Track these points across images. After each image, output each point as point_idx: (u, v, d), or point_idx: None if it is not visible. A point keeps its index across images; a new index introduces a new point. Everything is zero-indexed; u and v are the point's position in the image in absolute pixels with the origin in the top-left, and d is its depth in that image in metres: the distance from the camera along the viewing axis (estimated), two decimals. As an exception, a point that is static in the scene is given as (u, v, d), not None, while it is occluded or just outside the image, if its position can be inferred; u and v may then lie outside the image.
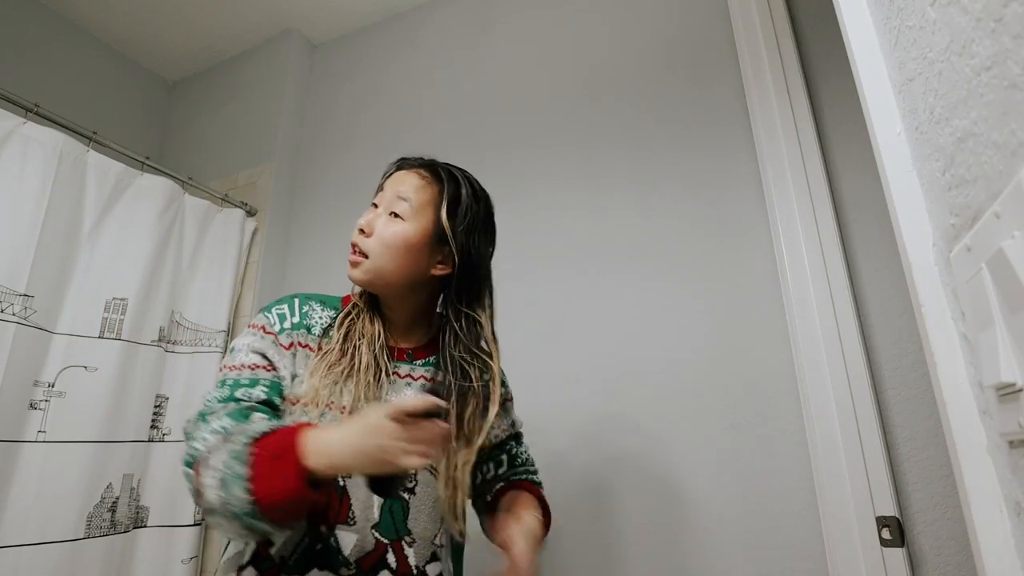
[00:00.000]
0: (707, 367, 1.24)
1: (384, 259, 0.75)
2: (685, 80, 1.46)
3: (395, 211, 0.76)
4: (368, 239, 0.76)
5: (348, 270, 0.77)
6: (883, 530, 0.98)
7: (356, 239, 0.76)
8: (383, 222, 0.76)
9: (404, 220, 0.75)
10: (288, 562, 0.66)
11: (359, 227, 0.77)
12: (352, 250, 0.77)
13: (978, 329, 0.35)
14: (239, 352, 0.72)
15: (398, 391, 0.75)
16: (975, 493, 0.37)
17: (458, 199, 0.78)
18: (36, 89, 1.57)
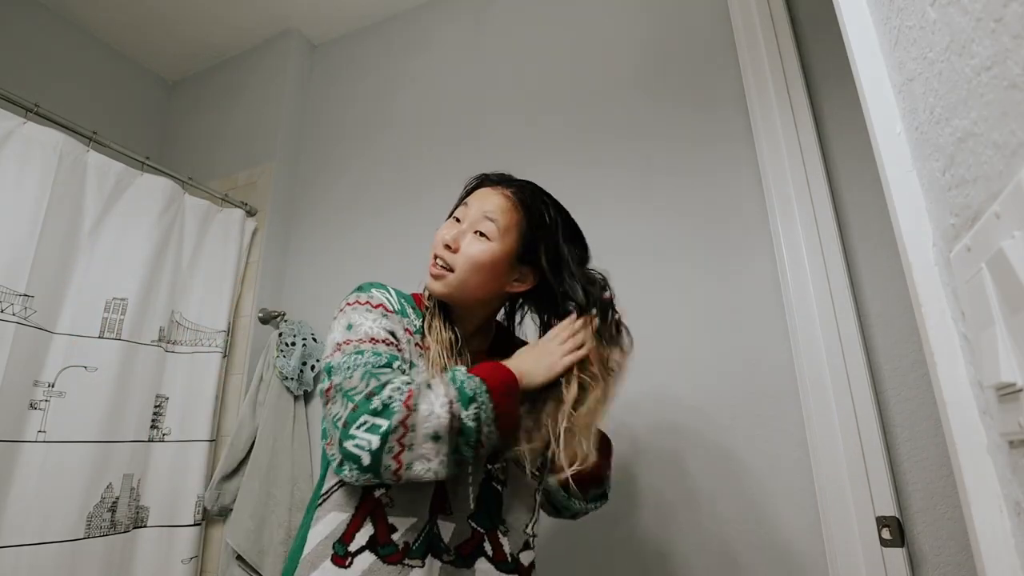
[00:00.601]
0: (707, 367, 1.24)
1: (468, 275, 0.78)
2: (685, 80, 1.46)
3: (481, 230, 0.79)
4: (454, 255, 0.79)
5: (429, 282, 0.81)
6: (883, 530, 0.98)
7: (442, 253, 0.79)
8: (469, 240, 0.79)
9: (491, 240, 0.79)
10: (412, 547, 0.69)
11: (445, 242, 0.79)
12: (434, 263, 0.80)
13: (978, 329, 0.35)
14: (367, 327, 0.73)
15: None
16: (975, 493, 0.37)
17: (543, 223, 0.82)
18: (36, 89, 1.57)
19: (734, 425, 1.18)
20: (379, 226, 1.82)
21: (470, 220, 0.81)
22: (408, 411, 0.63)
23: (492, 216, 0.80)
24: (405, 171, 1.84)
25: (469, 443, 0.65)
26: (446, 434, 0.63)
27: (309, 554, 0.70)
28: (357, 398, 0.64)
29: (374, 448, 0.62)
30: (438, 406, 0.64)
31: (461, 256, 0.78)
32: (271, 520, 1.52)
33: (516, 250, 0.80)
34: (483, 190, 0.85)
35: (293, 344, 1.66)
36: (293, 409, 1.65)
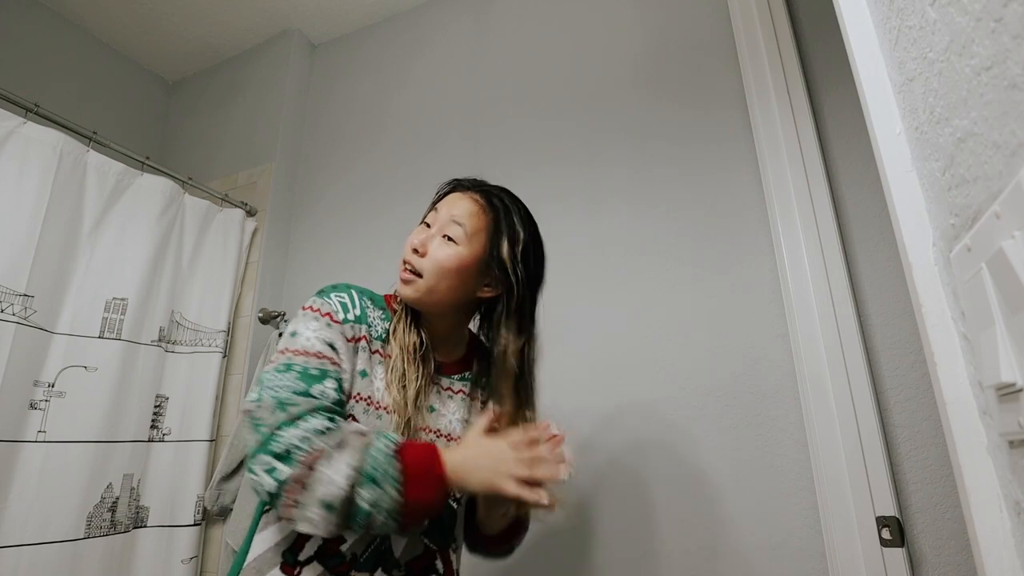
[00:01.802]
0: (707, 367, 1.24)
1: (436, 280, 0.76)
2: (685, 80, 1.46)
3: (448, 234, 0.77)
4: (422, 259, 0.77)
5: (399, 287, 0.79)
6: (883, 530, 0.98)
7: (410, 258, 0.78)
8: (437, 244, 0.77)
9: (458, 244, 0.77)
10: (360, 559, 0.67)
11: (413, 247, 0.78)
12: (404, 268, 0.78)
13: (978, 329, 0.35)
14: (305, 337, 0.71)
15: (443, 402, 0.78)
16: (975, 493, 0.37)
17: (512, 228, 0.80)
18: (36, 89, 1.57)
19: (734, 425, 1.18)
20: (379, 226, 1.82)
21: (439, 224, 0.79)
22: (307, 470, 0.58)
23: (460, 220, 0.78)
24: (405, 171, 1.84)
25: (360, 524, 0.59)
26: (339, 506, 0.58)
27: (255, 560, 0.67)
28: (263, 431, 0.61)
29: (271, 491, 0.59)
30: (340, 476, 0.58)
31: (428, 260, 0.77)
32: (271, 520, 1.52)
33: (484, 255, 0.78)
34: (454, 195, 0.83)
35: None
36: (293, 409, 1.65)
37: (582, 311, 1.40)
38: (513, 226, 0.80)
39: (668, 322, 1.31)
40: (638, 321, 1.34)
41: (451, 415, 0.77)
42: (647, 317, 1.33)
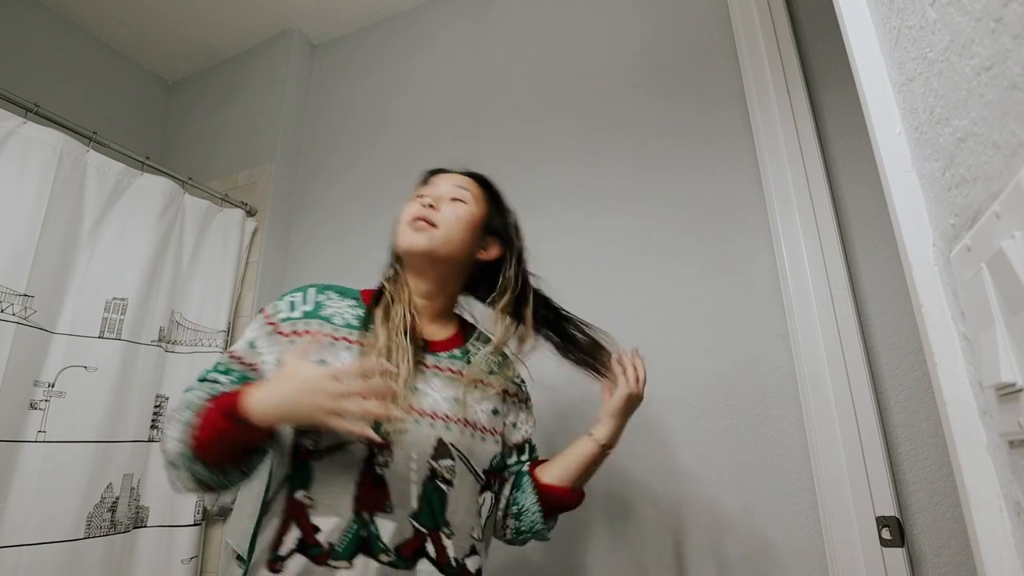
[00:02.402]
0: (707, 367, 1.24)
1: (453, 231, 0.81)
2: (685, 80, 1.46)
3: (456, 197, 0.84)
4: (436, 213, 0.81)
5: (408, 237, 0.80)
6: (883, 530, 0.98)
7: (425, 212, 0.80)
8: (448, 204, 0.83)
9: (467, 204, 0.84)
10: (336, 548, 0.66)
11: (427, 203, 0.81)
12: (417, 218, 0.80)
13: (978, 329, 0.35)
14: (240, 339, 0.78)
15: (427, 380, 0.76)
16: (975, 493, 0.37)
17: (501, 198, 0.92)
18: (36, 89, 1.57)
19: (734, 425, 1.18)
20: (379, 226, 1.82)
21: (440, 193, 0.85)
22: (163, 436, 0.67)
23: (463, 186, 0.86)
24: (405, 171, 1.84)
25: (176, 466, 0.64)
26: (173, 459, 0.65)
27: (254, 563, 0.69)
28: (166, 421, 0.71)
29: None
30: (172, 431, 0.65)
31: (444, 215, 0.81)
32: (271, 520, 1.52)
33: (486, 217, 0.87)
34: (443, 175, 0.90)
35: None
36: (293, 409, 1.65)
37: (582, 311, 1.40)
38: (501, 196, 0.92)
39: (668, 322, 1.31)
40: (638, 321, 1.34)
41: (436, 393, 0.75)
42: (647, 317, 1.33)
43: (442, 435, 0.72)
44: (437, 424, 0.72)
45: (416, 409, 0.72)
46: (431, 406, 0.73)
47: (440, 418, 0.73)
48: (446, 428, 0.73)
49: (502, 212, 0.91)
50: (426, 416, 0.72)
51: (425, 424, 0.71)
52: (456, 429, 0.73)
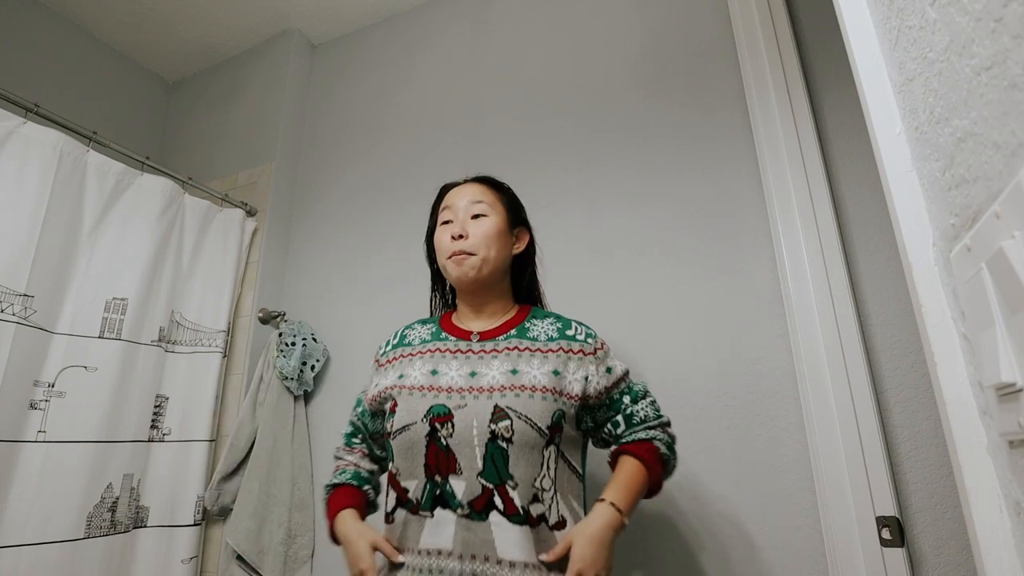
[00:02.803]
0: (707, 367, 1.24)
1: (487, 249, 0.92)
2: (685, 80, 1.46)
3: (476, 213, 0.94)
4: (467, 241, 0.92)
5: (455, 273, 0.93)
6: (883, 530, 0.98)
7: (458, 246, 0.92)
8: (472, 225, 0.93)
9: (488, 216, 0.94)
10: (420, 502, 0.82)
11: (453, 236, 0.93)
12: (452, 256, 0.92)
13: (978, 329, 0.35)
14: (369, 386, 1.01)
15: (486, 363, 0.89)
16: (975, 493, 0.37)
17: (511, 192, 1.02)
18: (36, 89, 1.58)
19: (734, 425, 1.18)
20: (379, 226, 1.82)
21: (461, 213, 0.94)
22: None
23: (478, 199, 0.95)
24: (405, 171, 1.84)
25: None
26: None
27: None
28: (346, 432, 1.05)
29: None
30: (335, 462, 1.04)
31: (474, 238, 0.92)
32: (271, 520, 1.52)
33: (507, 217, 0.97)
34: (453, 191, 0.99)
35: (293, 344, 1.66)
36: (293, 409, 1.65)
37: (582, 311, 1.40)
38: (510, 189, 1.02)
39: (668, 322, 1.31)
40: (638, 321, 1.34)
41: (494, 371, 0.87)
42: (647, 317, 1.33)
43: (498, 402, 0.83)
44: (494, 395, 0.84)
45: (476, 388, 0.85)
46: (488, 383, 0.86)
47: (497, 389, 0.84)
48: (502, 396, 0.84)
49: (517, 205, 1.01)
50: (484, 392, 0.85)
51: (483, 398, 0.84)
52: (511, 395, 0.84)
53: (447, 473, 0.82)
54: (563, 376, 0.88)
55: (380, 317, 1.70)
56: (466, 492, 0.80)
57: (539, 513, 0.81)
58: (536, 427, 0.82)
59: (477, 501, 0.80)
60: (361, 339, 1.71)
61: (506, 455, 0.81)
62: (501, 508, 0.79)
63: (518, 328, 0.94)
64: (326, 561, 1.54)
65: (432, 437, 0.83)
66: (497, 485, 0.80)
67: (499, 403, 0.83)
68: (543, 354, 0.89)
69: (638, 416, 0.91)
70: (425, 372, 0.90)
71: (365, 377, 1.66)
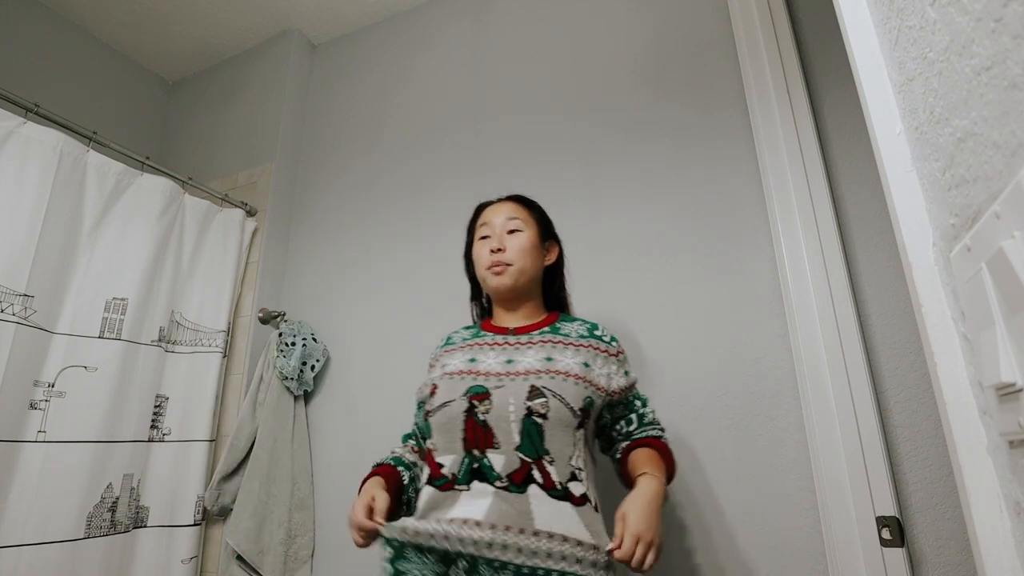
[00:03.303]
0: (707, 367, 1.24)
1: (523, 260, 1.01)
2: (685, 80, 1.46)
3: (512, 228, 1.03)
4: (505, 254, 1.01)
5: (494, 282, 1.01)
6: (883, 530, 0.98)
7: (496, 258, 1.01)
8: (509, 239, 1.02)
9: (523, 230, 1.03)
10: (457, 476, 0.85)
11: (492, 249, 1.01)
12: (491, 268, 1.01)
13: (978, 329, 0.35)
14: None
15: (522, 352, 0.96)
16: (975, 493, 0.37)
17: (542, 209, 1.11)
18: (36, 89, 1.58)
19: (734, 425, 1.18)
20: (379, 226, 1.82)
21: (498, 229, 1.03)
22: None
23: (513, 216, 1.05)
24: (405, 171, 1.84)
25: None
26: None
27: None
28: None
29: None
30: None
31: (511, 251, 1.01)
32: (271, 520, 1.52)
33: (539, 232, 1.06)
34: (490, 208, 1.09)
35: (293, 344, 1.66)
36: (293, 409, 1.65)
37: (582, 310, 1.40)
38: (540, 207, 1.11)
39: (668, 322, 1.31)
40: (637, 321, 1.34)
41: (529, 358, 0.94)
42: (647, 317, 1.33)
43: (533, 383, 0.89)
44: (530, 377, 0.90)
45: (512, 372, 0.91)
46: (524, 367, 0.92)
47: (532, 373, 0.91)
48: (537, 378, 0.90)
49: (547, 220, 1.11)
50: (520, 375, 0.91)
51: (519, 380, 0.90)
52: (547, 377, 0.90)
53: (485, 447, 0.86)
54: (592, 368, 0.95)
55: (380, 317, 1.70)
56: (505, 465, 0.84)
57: (581, 493, 0.85)
58: (569, 407, 0.87)
59: (516, 474, 0.83)
60: (361, 339, 1.71)
61: (541, 430, 0.85)
62: (540, 481, 0.83)
63: (551, 326, 1.02)
64: (326, 561, 1.54)
65: (470, 413, 0.88)
66: (535, 459, 0.84)
67: (535, 383, 0.88)
68: (575, 347, 0.96)
69: (648, 417, 1.00)
70: (464, 360, 0.97)
71: (365, 377, 1.67)
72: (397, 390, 1.60)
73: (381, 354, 1.66)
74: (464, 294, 1.78)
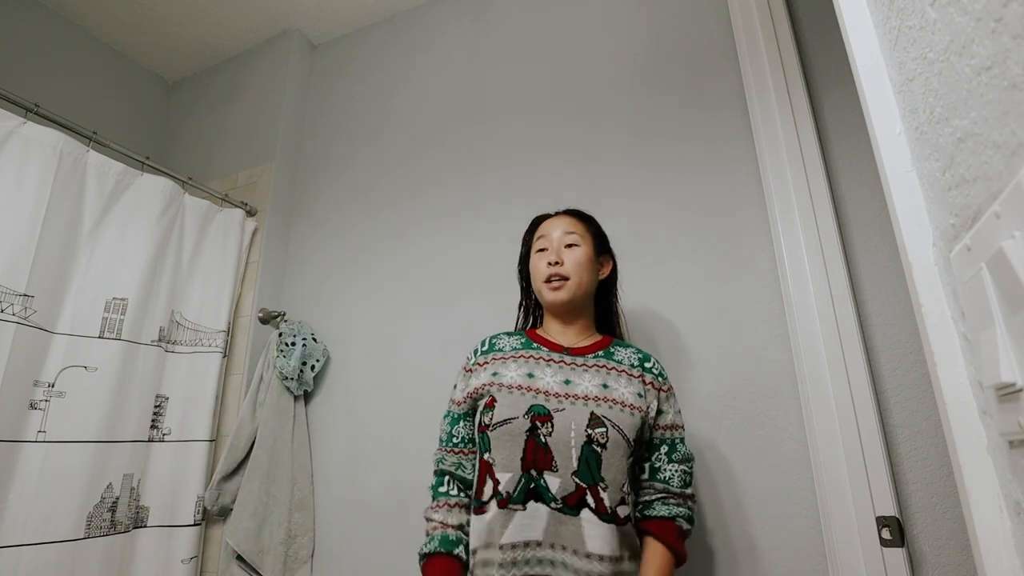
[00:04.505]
0: (707, 367, 1.24)
1: (579, 275, 1.01)
2: (685, 80, 1.46)
3: (569, 243, 1.04)
4: (563, 267, 1.01)
5: (551, 296, 1.01)
6: (883, 530, 0.98)
7: (554, 271, 1.01)
8: (567, 253, 1.03)
9: (580, 246, 1.04)
10: (512, 495, 0.87)
11: (551, 262, 1.02)
12: (549, 282, 1.01)
13: (978, 329, 0.35)
14: (456, 391, 1.04)
15: (578, 374, 0.96)
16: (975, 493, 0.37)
17: (597, 223, 1.11)
18: (36, 89, 1.58)
19: (734, 425, 1.18)
20: (379, 226, 1.82)
21: (555, 243, 1.04)
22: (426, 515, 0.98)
23: (570, 230, 1.05)
24: (405, 171, 1.84)
25: None
26: None
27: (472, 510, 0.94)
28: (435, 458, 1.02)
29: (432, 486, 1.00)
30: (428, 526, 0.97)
31: (569, 265, 1.01)
32: (271, 520, 1.52)
33: (595, 246, 1.07)
34: (547, 221, 1.09)
35: (293, 344, 1.66)
36: (293, 409, 1.65)
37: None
38: (596, 221, 1.11)
39: (668, 322, 1.31)
40: (638, 321, 1.34)
41: (587, 383, 0.94)
42: (647, 317, 1.33)
43: (594, 410, 0.90)
44: (590, 403, 0.91)
45: (572, 395, 0.92)
46: (583, 391, 0.93)
47: (591, 399, 0.92)
48: (596, 405, 0.91)
49: (602, 235, 1.11)
50: (579, 399, 0.92)
51: (579, 404, 0.91)
52: (606, 405, 0.91)
53: (543, 469, 0.87)
54: (644, 398, 0.96)
55: (380, 317, 1.70)
56: (560, 488, 0.86)
57: (625, 515, 0.88)
58: (626, 438, 0.89)
59: (570, 497, 0.85)
60: (361, 339, 1.71)
61: (599, 458, 0.87)
62: (592, 506, 0.85)
63: (604, 351, 1.02)
64: (326, 561, 1.54)
65: (532, 433, 0.89)
66: (590, 485, 0.86)
67: (595, 411, 0.90)
68: (628, 376, 0.97)
69: (661, 476, 0.95)
70: (521, 374, 0.96)
71: (365, 377, 1.67)
72: (397, 390, 1.60)
73: (381, 354, 1.66)
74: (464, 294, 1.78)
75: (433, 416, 1.43)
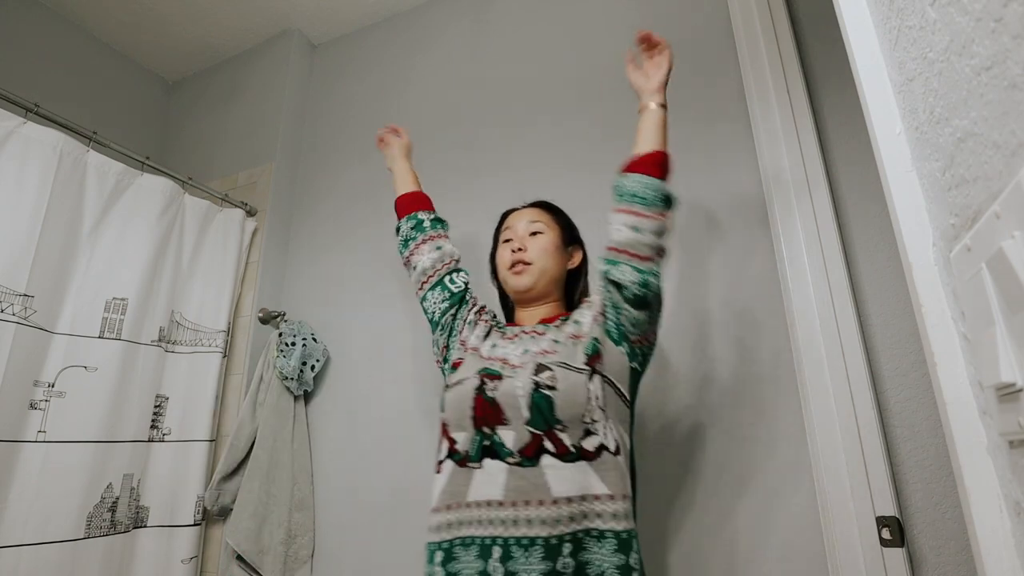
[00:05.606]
0: (706, 367, 1.24)
1: (543, 261, 1.02)
2: (685, 80, 1.46)
3: (534, 231, 1.05)
4: (526, 253, 1.02)
5: (513, 281, 1.03)
6: (883, 530, 0.98)
7: (517, 256, 1.02)
8: (531, 240, 1.04)
9: (544, 233, 1.05)
10: (469, 454, 0.86)
11: (513, 249, 1.03)
12: (512, 267, 1.02)
13: (978, 329, 0.35)
14: None
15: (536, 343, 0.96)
16: (975, 493, 0.37)
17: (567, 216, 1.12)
18: (36, 89, 1.57)
19: (734, 425, 1.18)
20: (379, 226, 1.82)
21: (520, 232, 1.05)
22: None
23: (535, 219, 1.06)
24: (405, 171, 1.84)
25: None
26: None
27: None
28: None
29: None
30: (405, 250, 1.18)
31: (532, 251, 1.02)
32: (271, 520, 1.52)
33: (562, 236, 1.07)
34: (513, 215, 1.10)
35: (293, 344, 1.66)
36: (293, 409, 1.65)
37: (582, 311, 1.40)
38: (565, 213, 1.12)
39: (668, 322, 1.31)
40: (638, 321, 1.33)
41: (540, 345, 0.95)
42: (647, 317, 1.33)
43: (540, 360, 0.90)
44: (538, 356, 0.92)
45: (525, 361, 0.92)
46: (535, 350, 0.94)
47: (539, 352, 0.93)
48: (543, 356, 0.91)
49: (571, 225, 1.11)
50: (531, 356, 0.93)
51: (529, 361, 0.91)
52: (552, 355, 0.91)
53: (494, 424, 0.86)
54: (581, 324, 0.97)
55: (380, 317, 1.70)
56: (516, 440, 0.84)
57: (596, 446, 0.84)
58: (574, 368, 0.87)
59: (527, 448, 0.83)
60: (361, 339, 1.71)
61: (551, 401, 0.85)
62: (552, 451, 0.82)
63: (562, 318, 1.02)
64: (326, 561, 1.54)
65: (479, 390, 0.89)
66: (546, 431, 0.84)
67: (541, 360, 0.90)
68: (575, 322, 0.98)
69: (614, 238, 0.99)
70: (487, 344, 0.99)
71: (365, 377, 1.67)
72: (397, 390, 1.60)
73: (381, 354, 1.66)
74: (464, 294, 1.76)
75: (433, 416, 1.43)
